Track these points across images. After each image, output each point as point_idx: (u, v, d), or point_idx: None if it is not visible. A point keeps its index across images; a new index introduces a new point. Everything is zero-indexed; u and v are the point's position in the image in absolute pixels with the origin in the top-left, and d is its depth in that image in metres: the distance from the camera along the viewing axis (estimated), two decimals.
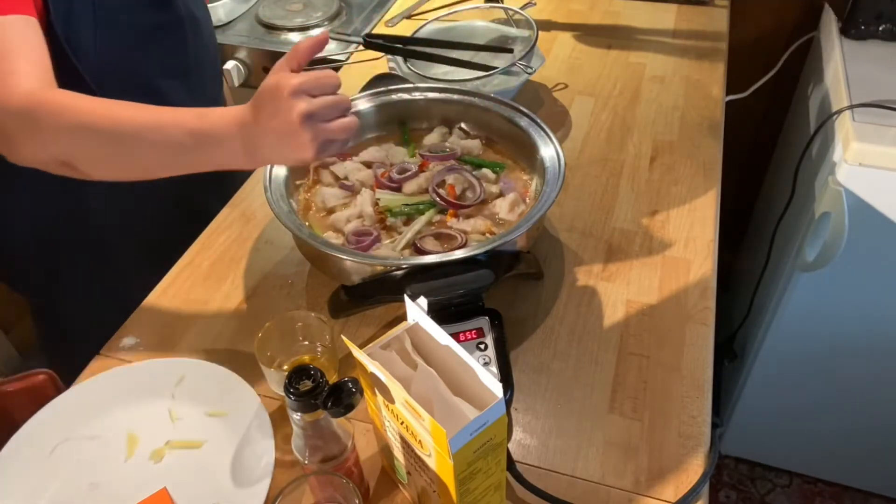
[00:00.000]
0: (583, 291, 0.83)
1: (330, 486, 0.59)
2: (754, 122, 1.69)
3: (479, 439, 0.49)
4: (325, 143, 0.62)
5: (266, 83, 0.62)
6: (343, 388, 0.53)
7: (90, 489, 0.66)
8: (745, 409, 1.49)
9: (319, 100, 0.61)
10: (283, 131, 0.60)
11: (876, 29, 1.22)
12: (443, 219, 0.83)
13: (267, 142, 0.62)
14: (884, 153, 1.02)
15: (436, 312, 0.69)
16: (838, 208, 1.05)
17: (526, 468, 0.66)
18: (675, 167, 1.01)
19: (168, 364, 0.75)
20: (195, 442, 0.69)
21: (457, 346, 0.52)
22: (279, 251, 0.90)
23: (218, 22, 1.43)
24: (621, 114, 1.12)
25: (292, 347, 0.71)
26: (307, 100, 0.60)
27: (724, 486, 1.63)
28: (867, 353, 1.27)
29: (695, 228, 0.90)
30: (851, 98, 1.09)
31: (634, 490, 0.64)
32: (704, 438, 0.68)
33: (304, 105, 0.60)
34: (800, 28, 1.50)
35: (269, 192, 0.79)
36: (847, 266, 1.12)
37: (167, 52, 0.92)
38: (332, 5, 1.47)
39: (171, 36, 0.92)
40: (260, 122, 0.61)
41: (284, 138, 0.61)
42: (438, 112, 0.96)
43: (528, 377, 0.75)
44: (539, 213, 0.75)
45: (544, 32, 1.33)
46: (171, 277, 0.88)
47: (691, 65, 1.23)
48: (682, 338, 0.77)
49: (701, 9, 1.38)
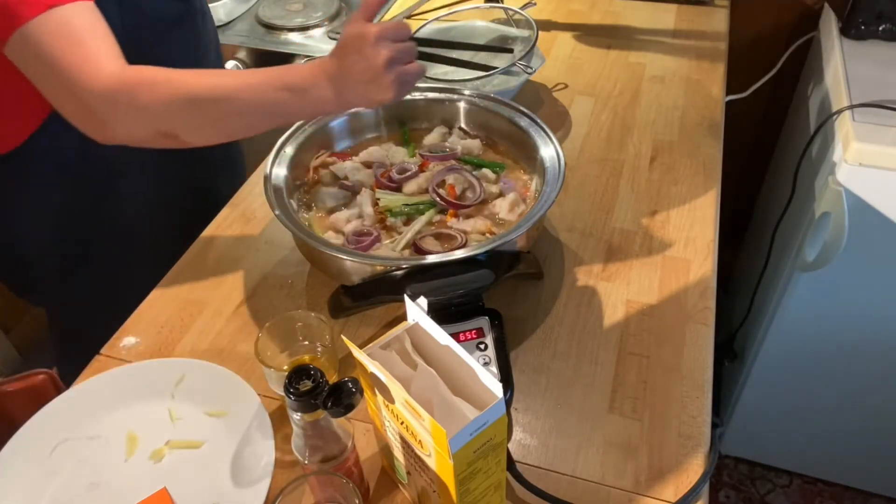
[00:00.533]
0: (583, 291, 0.83)
1: (330, 486, 0.59)
2: (754, 122, 1.69)
3: (479, 439, 0.49)
4: (404, 84, 0.69)
5: (347, 34, 0.67)
6: (343, 388, 0.53)
7: (90, 489, 0.66)
8: (745, 409, 1.49)
9: (398, 45, 0.67)
10: (369, 75, 0.67)
11: (876, 29, 1.22)
12: (443, 219, 0.83)
13: (354, 86, 0.68)
14: (884, 153, 1.02)
15: (436, 312, 0.69)
16: (838, 208, 1.05)
17: (526, 468, 0.66)
18: (675, 167, 1.01)
19: (168, 364, 0.75)
20: (195, 442, 0.69)
21: (457, 346, 0.52)
22: (279, 251, 0.90)
23: (218, 22, 1.43)
24: (621, 114, 1.12)
25: (292, 347, 0.71)
26: (389, 46, 0.66)
27: (724, 486, 1.63)
28: (867, 353, 1.27)
29: (695, 228, 0.90)
30: (851, 98, 1.09)
31: (634, 490, 0.64)
32: (704, 438, 0.68)
33: (387, 51, 0.66)
34: (800, 28, 1.50)
35: (269, 192, 0.80)
36: (847, 266, 1.12)
37: (183, 44, 0.95)
38: (332, 5, 1.47)
39: (187, 27, 0.94)
40: (345, 69, 0.67)
41: (371, 82, 0.67)
42: (438, 112, 0.96)
43: (528, 377, 0.75)
44: (539, 213, 0.75)
45: (544, 32, 1.33)
46: (171, 277, 0.88)
47: (691, 65, 1.23)
48: (682, 338, 0.77)
49: (701, 9, 1.39)
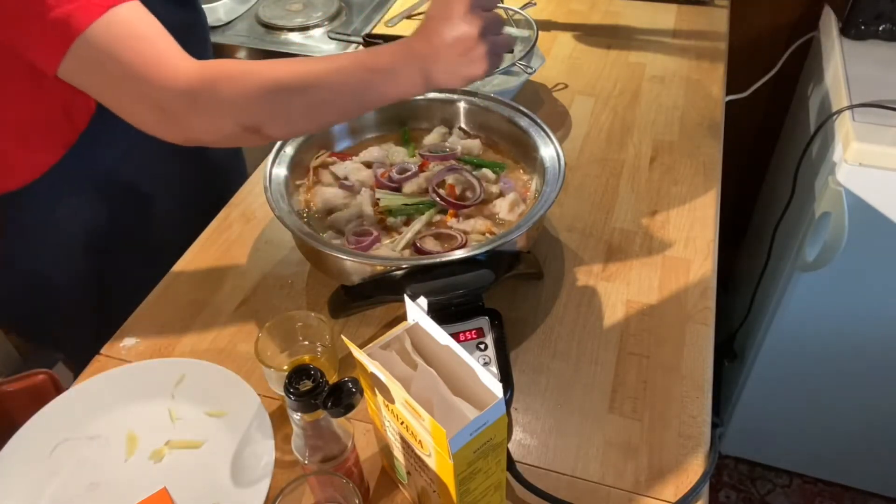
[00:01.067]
0: (583, 291, 0.83)
1: (330, 486, 0.59)
2: (754, 122, 1.69)
3: (479, 439, 0.49)
4: (496, 56, 0.66)
5: (435, 9, 0.64)
6: (343, 388, 0.53)
7: (90, 489, 0.66)
8: (745, 409, 1.49)
9: (489, 14, 0.64)
10: (462, 47, 0.64)
11: (876, 29, 1.22)
12: (443, 219, 0.83)
13: (444, 62, 0.65)
14: (884, 153, 1.02)
15: (436, 312, 0.69)
16: (838, 208, 1.05)
17: (526, 468, 0.66)
18: (675, 167, 1.01)
19: (168, 364, 0.75)
20: (195, 442, 0.69)
21: (457, 346, 0.52)
22: (279, 251, 0.90)
23: (218, 22, 1.43)
24: (621, 114, 1.12)
25: (292, 347, 0.71)
26: (481, 14, 0.63)
27: (724, 486, 1.63)
28: (867, 353, 1.27)
29: (695, 228, 0.90)
30: (851, 98, 1.09)
31: (634, 490, 0.64)
32: (704, 438, 0.68)
33: (480, 21, 0.63)
34: (800, 28, 1.50)
35: (269, 192, 0.80)
36: (847, 266, 1.12)
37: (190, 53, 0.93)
38: (332, 5, 1.47)
39: (194, 36, 0.93)
40: (435, 43, 0.64)
41: (463, 55, 0.64)
42: (438, 112, 0.96)
43: (528, 377, 0.74)
44: (539, 213, 0.75)
45: (544, 32, 1.33)
46: (171, 277, 0.88)
47: (691, 65, 1.23)
48: (682, 338, 0.77)
49: (701, 9, 1.38)
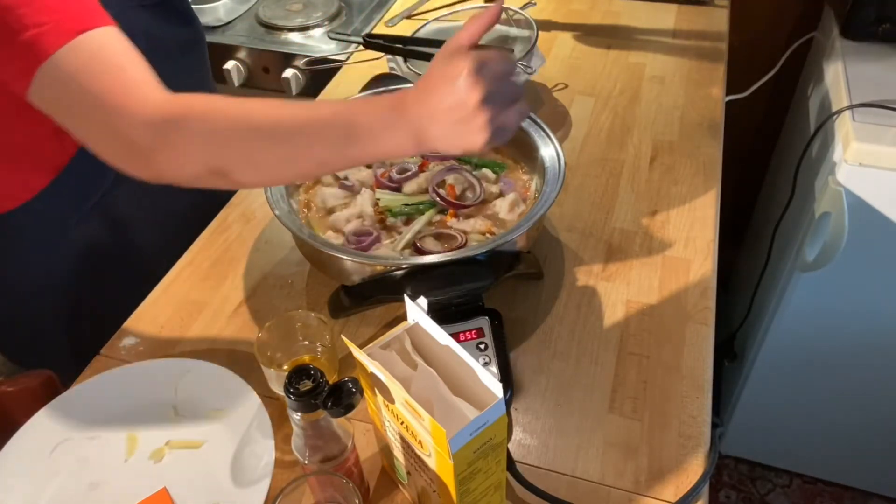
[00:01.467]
0: (583, 291, 0.83)
1: (330, 486, 0.59)
2: (754, 122, 1.69)
3: (479, 439, 0.49)
4: (499, 130, 0.57)
5: (440, 60, 0.56)
6: (343, 388, 0.53)
7: (90, 489, 0.66)
8: (745, 409, 1.49)
9: (501, 80, 0.56)
10: (459, 114, 0.55)
11: (876, 29, 1.22)
12: (443, 219, 0.83)
13: (439, 128, 0.57)
14: (884, 153, 1.02)
15: (436, 312, 0.69)
16: (838, 208, 1.05)
17: (526, 468, 0.66)
18: (675, 167, 1.01)
19: (168, 364, 0.75)
20: (195, 442, 0.69)
21: (457, 346, 0.52)
22: (279, 251, 0.90)
23: (218, 22, 1.43)
24: (621, 114, 1.12)
25: (292, 347, 0.71)
26: (489, 78, 0.54)
27: (724, 486, 1.63)
28: (867, 353, 1.27)
29: (695, 228, 0.90)
30: (851, 98, 1.09)
31: (634, 490, 0.64)
32: (704, 438, 0.68)
33: (483, 87, 0.54)
34: (800, 28, 1.49)
35: (269, 192, 0.80)
36: (847, 266, 1.12)
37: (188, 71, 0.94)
38: (332, 5, 1.47)
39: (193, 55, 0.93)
40: (430, 106, 0.56)
41: (458, 123, 0.56)
42: None
43: (528, 377, 0.74)
44: (539, 213, 0.75)
45: (544, 32, 1.33)
46: (171, 277, 0.88)
47: (691, 65, 1.22)
48: (682, 338, 0.77)
49: (701, 9, 1.38)
